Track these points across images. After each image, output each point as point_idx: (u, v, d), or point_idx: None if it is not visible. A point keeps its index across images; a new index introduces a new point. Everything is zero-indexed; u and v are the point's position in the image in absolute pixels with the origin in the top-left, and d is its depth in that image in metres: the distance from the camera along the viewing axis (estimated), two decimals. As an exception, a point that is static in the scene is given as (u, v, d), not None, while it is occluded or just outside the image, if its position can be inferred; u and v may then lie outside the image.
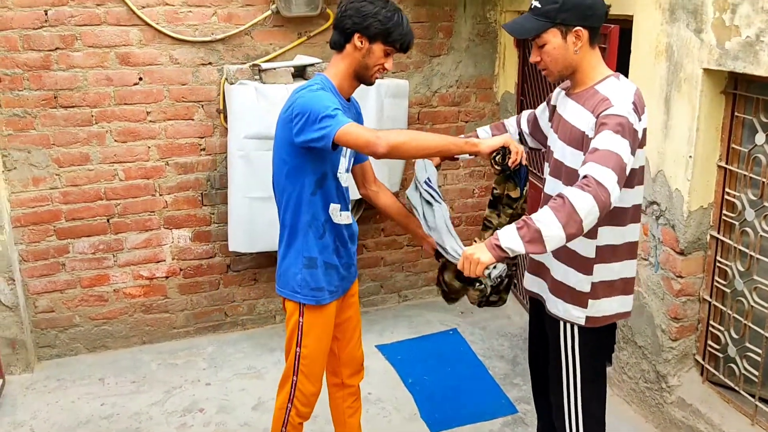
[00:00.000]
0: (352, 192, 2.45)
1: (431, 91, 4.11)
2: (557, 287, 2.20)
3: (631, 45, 3.00)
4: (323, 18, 3.74)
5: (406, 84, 3.88)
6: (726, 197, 2.75)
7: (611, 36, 2.92)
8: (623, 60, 3.00)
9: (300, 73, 3.61)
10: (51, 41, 3.40)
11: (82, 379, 3.60)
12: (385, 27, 2.14)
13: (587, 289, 2.14)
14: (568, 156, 2.11)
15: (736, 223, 2.73)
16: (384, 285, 4.37)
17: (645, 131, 2.05)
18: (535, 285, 2.34)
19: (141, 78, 3.58)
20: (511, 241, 1.85)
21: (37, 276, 3.67)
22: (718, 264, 2.83)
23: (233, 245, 3.69)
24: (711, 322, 2.90)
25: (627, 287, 2.20)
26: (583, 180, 1.84)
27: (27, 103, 3.44)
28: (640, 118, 1.99)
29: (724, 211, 2.77)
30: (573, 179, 1.95)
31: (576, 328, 2.19)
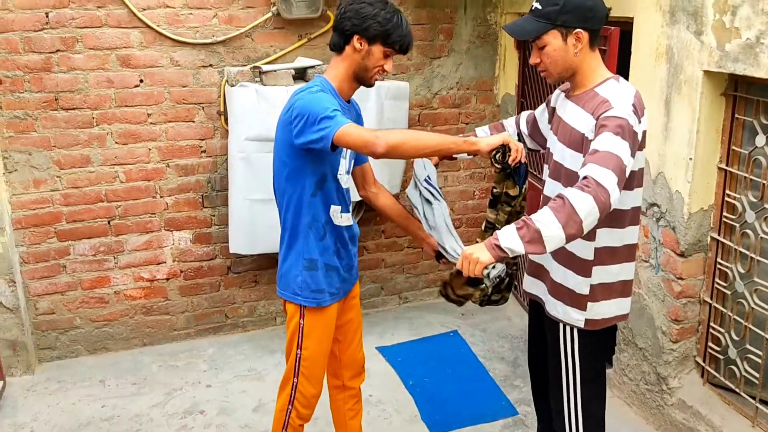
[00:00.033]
0: (352, 194, 2.46)
1: (432, 93, 4.12)
2: (556, 289, 2.20)
3: (632, 47, 3.01)
4: (324, 20, 3.74)
5: (406, 86, 3.88)
6: (726, 199, 2.75)
7: (612, 38, 2.92)
8: (623, 62, 3.00)
9: (301, 76, 3.61)
10: (52, 43, 3.40)
11: (82, 381, 3.60)
12: (384, 28, 2.14)
13: (586, 292, 2.14)
14: (567, 158, 2.11)
15: (736, 225, 2.73)
16: (384, 287, 4.38)
17: (644, 134, 2.05)
18: (535, 287, 2.34)
19: (142, 80, 3.58)
20: (511, 241, 1.84)
21: (38, 278, 3.67)
22: (718, 266, 2.83)
23: (234, 247, 3.70)
24: (711, 323, 2.90)
25: (625, 289, 2.20)
26: (583, 181, 1.84)
27: (28, 105, 3.45)
28: (639, 120, 1.99)
29: (724, 213, 2.77)
30: (572, 181, 1.95)
31: (575, 330, 2.19)
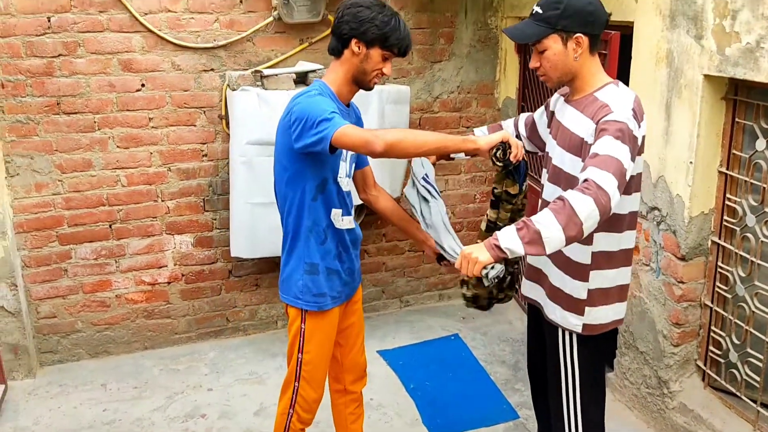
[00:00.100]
0: (354, 197, 2.46)
1: (432, 97, 4.12)
2: (555, 293, 2.21)
3: (632, 51, 3.01)
4: (325, 24, 3.75)
5: (407, 90, 3.89)
6: (727, 203, 2.76)
7: (612, 42, 2.93)
8: (624, 66, 3.00)
9: (302, 80, 3.61)
10: (54, 48, 3.41)
11: (84, 385, 3.61)
12: (382, 32, 2.14)
13: (584, 296, 2.14)
14: (567, 162, 2.12)
15: (737, 229, 2.73)
16: (385, 290, 4.38)
17: (644, 138, 2.06)
18: (533, 291, 2.34)
19: (143, 84, 3.59)
20: (511, 242, 1.84)
21: (40, 282, 3.68)
22: (719, 269, 2.83)
23: (235, 251, 3.70)
24: (712, 327, 2.90)
25: (622, 294, 2.20)
26: (584, 184, 1.84)
27: (30, 110, 3.45)
28: (639, 125, 1.99)
29: (725, 217, 2.78)
30: (572, 185, 1.95)
31: (574, 335, 2.19)
